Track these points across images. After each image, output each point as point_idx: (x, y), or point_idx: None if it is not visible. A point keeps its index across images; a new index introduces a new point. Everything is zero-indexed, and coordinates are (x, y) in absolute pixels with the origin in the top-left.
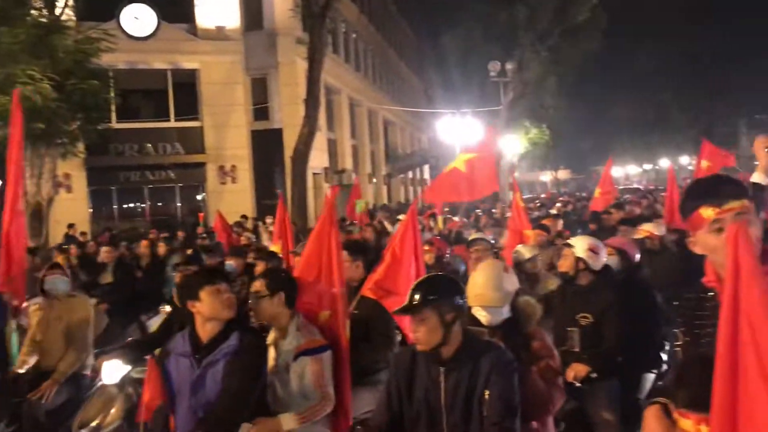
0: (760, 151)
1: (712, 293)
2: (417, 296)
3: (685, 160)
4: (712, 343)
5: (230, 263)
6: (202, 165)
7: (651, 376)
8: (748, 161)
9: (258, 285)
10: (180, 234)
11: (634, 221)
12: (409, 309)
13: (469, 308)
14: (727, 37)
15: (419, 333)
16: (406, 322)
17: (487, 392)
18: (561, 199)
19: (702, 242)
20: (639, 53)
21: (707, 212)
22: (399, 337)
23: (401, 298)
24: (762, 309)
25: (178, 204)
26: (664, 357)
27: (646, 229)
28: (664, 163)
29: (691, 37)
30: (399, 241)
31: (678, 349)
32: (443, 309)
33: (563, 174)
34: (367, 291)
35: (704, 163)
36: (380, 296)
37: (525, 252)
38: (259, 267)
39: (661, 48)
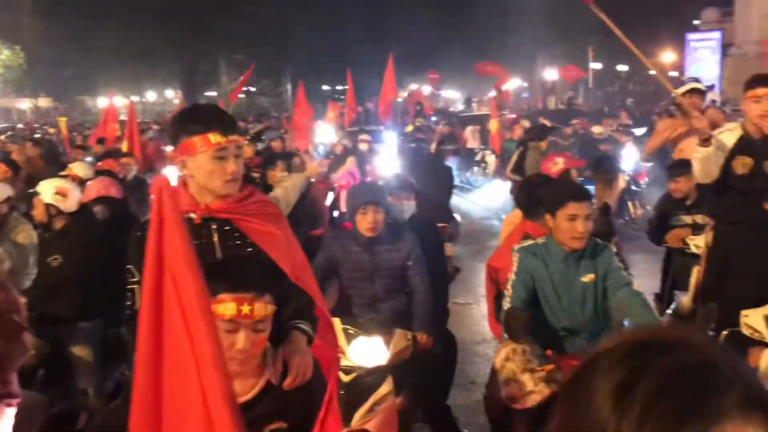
0: None
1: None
2: None
3: (170, 93)
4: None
5: None
6: None
7: None
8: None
9: None
10: None
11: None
12: None
13: None
14: None
15: None
16: None
17: None
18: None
19: (201, 166)
20: None
21: (216, 138)
22: None
23: None
24: (183, 258)
25: None
26: None
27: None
28: (151, 96)
29: None
30: None
31: None
32: None
33: (44, 102)
34: None
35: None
36: None
37: None
38: None
39: None
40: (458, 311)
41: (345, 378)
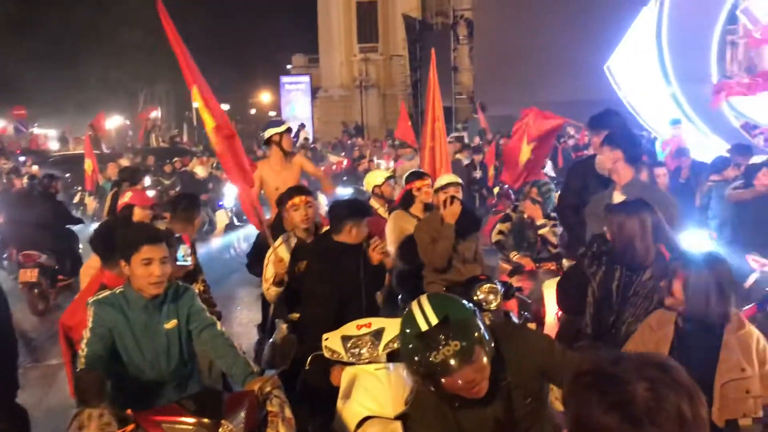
0: None
1: None
2: None
3: None
4: None
5: None
6: None
7: None
8: None
9: None
10: None
11: None
12: None
13: None
14: None
15: None
16: None
17: None
18: None
19: None
20: None
21: None
22: None
23: None
24: None
25: None
26: None
27: None
28: None
29: None
30: None
31: None
32: None
33: None
34: None
35: None
36: None
37: None
38: None
39: None
40: (55, 373)
41: None
